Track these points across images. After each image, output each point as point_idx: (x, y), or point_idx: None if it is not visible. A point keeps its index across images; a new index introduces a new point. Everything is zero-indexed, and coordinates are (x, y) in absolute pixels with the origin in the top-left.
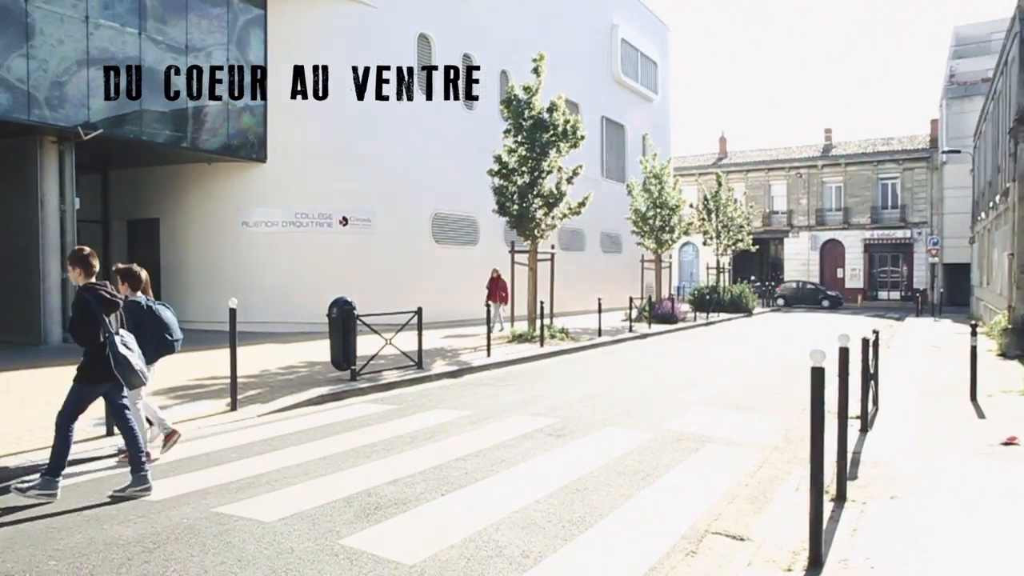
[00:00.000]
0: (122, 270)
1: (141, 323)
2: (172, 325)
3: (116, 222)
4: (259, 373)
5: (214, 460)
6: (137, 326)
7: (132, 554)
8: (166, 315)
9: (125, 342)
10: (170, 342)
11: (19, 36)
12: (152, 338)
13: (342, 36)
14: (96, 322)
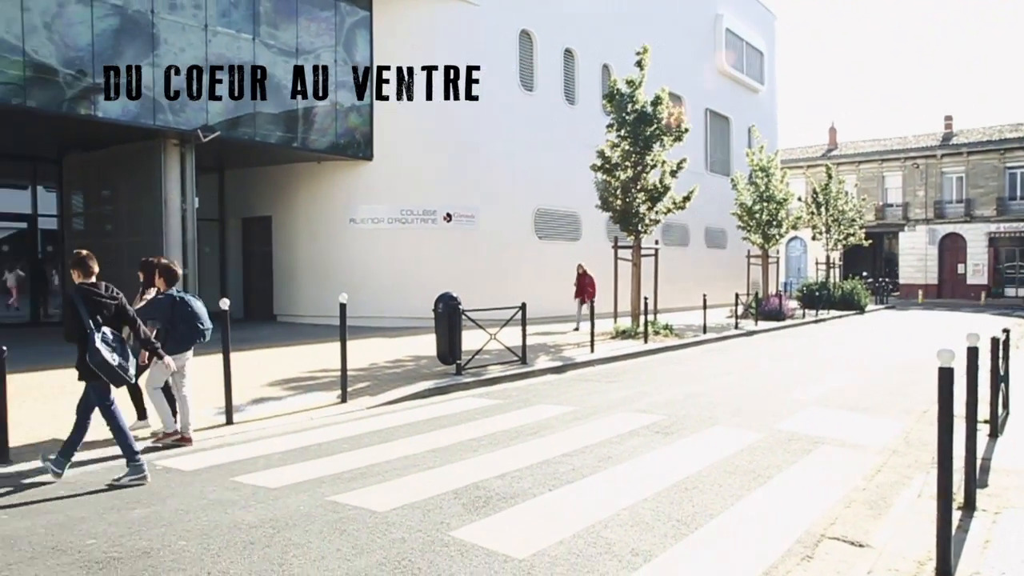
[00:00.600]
0: (161, 266)
1: (174, 314)
2: (202, 315)
3: (231, 220)
4: (367, 366)
5: (326, 450)
6: (171, 317)
7: (254, 538)
8: (197, 306)
9: (105, 339)
10: (200, 331)
11: (146, 46)
12: (184, 327)
13: (445, 34)
14: (80, 320)
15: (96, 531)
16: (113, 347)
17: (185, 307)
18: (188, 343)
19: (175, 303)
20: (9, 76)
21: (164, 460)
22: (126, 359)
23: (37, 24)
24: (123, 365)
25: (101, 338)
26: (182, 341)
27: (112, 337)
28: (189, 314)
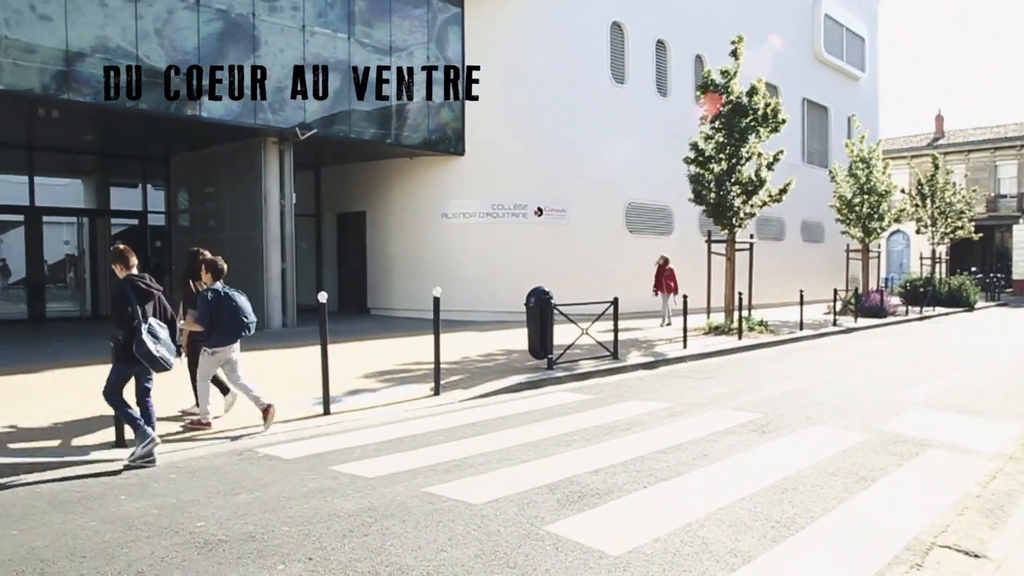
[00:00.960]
0: (207, 261)
1: (219, 308)
2: (246, 309)
3: (327, 215)
4: (460, 360)
5: (421, 442)
6: (216, 311)
7: (353, 526)
8: (240, 300)
9: (152, 330)
10: (245, 324)
11: (248, 48)
12: (229, 321)
13: (535, 28)
14: (131, 309)
15: (205, 514)
16: (158, 337)
17: (229, 301)
18: (233, 336)
19: (220, 298)
20: (124, 81)
21: (266, 448)
22: (169, 349)
23: (149, 30)
24: (164, 355)
25: (147, 329)
26: (227, 334)
27: (158, 327)
28: (233, 308)
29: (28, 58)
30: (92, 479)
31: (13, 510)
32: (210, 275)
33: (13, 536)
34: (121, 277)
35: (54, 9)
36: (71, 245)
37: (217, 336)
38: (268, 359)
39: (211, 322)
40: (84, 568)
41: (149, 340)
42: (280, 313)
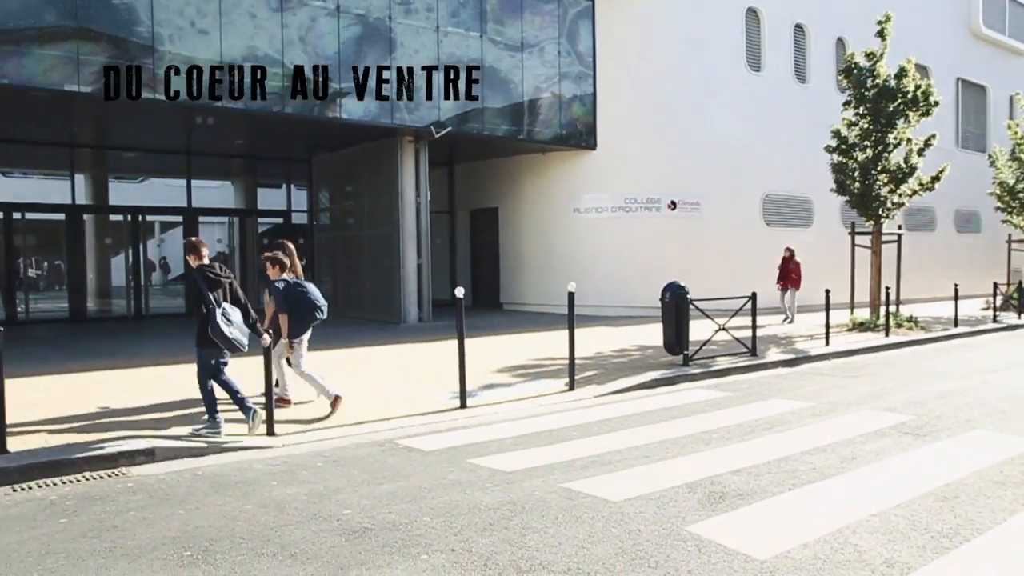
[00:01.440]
0: (270, 257)
1: (291, 298)
2: (316, 296)
3: (460, 212)
4: (593, 355)
5: (556, 437)
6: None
7: (493, 519)
8: (310, 288)
9: (225, 314)
10: (317, 307)
11: (385, 50)
12: (302, 310)
13: (669, 17)
14: (202, 296)
15: (350, 502)
16: (231, 321)
17: (299, 289)
18: (307, 323)
19: (290, 288)
20: (271, 87)
21: (405, 440)
22: (242, 331)
23: (294, 38)
24: (237, 336)
25: (221, 313)
26: (301, 323)
27: (230, 311)
28: (303, 296)
29: (187, 70)
30: (246, 465)
31: (178, 490)
32: (276, 269)
33: (180, 515)
34: (194, 267)
35: (210, 23)
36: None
37: (295, 326)
38: (404, 353)
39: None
40: (243, 549)
41: (223, 323)
42: (416, 308)
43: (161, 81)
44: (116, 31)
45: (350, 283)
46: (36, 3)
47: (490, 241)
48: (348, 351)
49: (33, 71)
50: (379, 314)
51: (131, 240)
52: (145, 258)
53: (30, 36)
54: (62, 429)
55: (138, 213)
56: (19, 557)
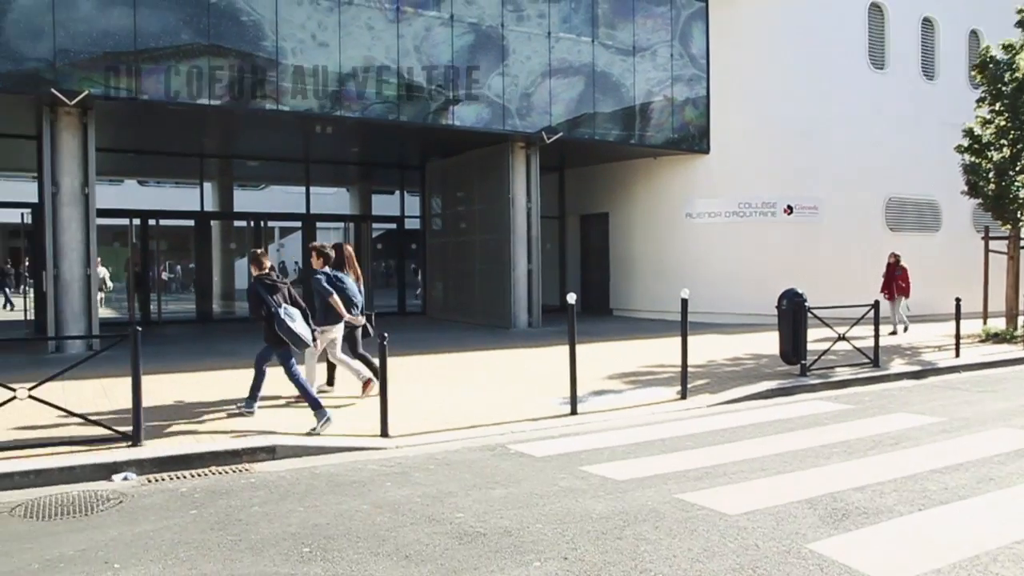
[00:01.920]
0: (315, 248)
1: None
2: (353, 294)
3: (570, 217)
4: (705, 363)
5: (669, 446)
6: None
7: (606, 528)
8: (349, 286)
9: (288, 313)
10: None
11: (497, 58)
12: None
13: (785, 18)
14: (261, 302)
15: (463, 505)
16: (294, 319)
17: (338, 283)
18: (340, 316)
19: (329, 279)
20: (386, 96)
21: (516, 445)
22: (306, 328)
23: (409, 48)
24: (304, 332)
25: (284, 312)
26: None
27: (293, 311)
28: (340, 290)
29: (308, 81)
30: (361, 465)
31: (297, 487)
32: (320, 260)
33: (299, 512)
34: (255, 276)
35: (330, 36)
36: None
37: (331, 315)
38: (513, 358)
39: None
40: (360, 548)
41: (288, 320)
42: (526, 313)
43: (284, 92)
44: (244, 47)
45: (461, 287)
46: (175, 24)
47: (600, 246)
48: (458, 355)
49: (170, 87)
50: (489, 319)
51: (253, 245)
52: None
53: (168, 54)
54: (191, 425)
55: (260, 219)
56: (155, 544)
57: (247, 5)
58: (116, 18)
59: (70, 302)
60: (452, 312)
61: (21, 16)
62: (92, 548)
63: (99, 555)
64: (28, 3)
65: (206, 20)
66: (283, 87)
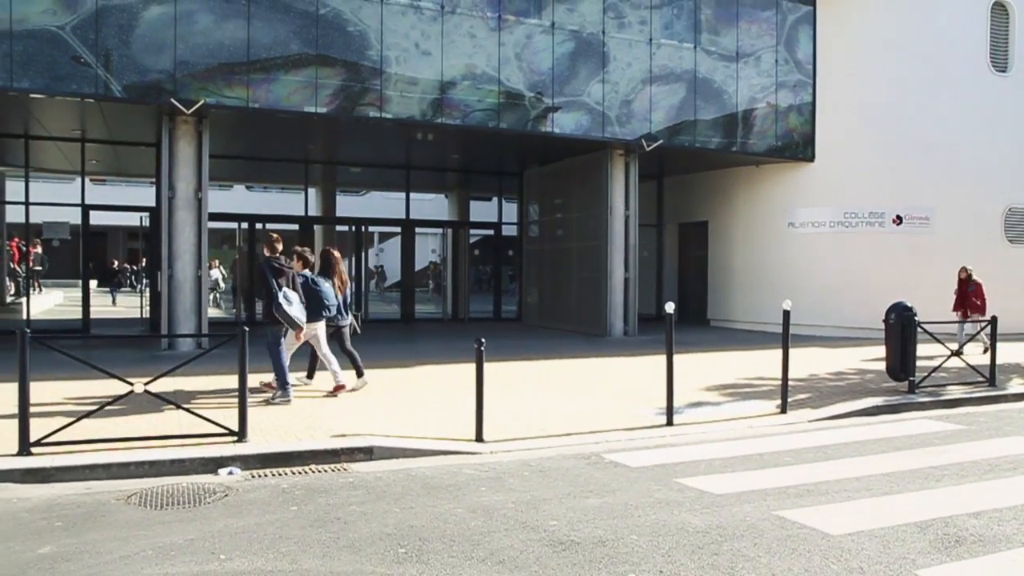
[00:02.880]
0: (296, 251)
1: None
2: (327, 295)
3: (668, 225)
4: (806, 377)
5: (768, 461)
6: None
7: (702, 543)
8: (324, 288)
9: (287, 296)
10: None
11: (597, 65)
12: (313, 303)
13: (900, 17)
14: (268, 283)
15: (557, 513)
16: (291, 302)
17: (314, 287)
18: (316, 316)
19: (306, 282)
20: (487, 103)
21: (611, 455)
22: (301, 312)
23: (510, 56)
24: (298, 316)
25: (283, 295)
26: (312, 313)
27: (291, 295)
28: (316, 292)
29: (411, 89)
30: (456, 469)
31: (394, 489)
32: (300, 263)
33: (395, 513)
34: (266, 256)
35: (433, 44)
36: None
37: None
38: (609, 366)
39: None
40: (454, 551)
41: (284, 303)
42: (622, 321)
43: (387, 100)
44: (350, 56)
45: (557, 295)
46: (285, 35)
47: (698, 255)
48: (553, 362)
49: (279, 95)
50: (584, 326)
51: (354, 249)
52: (366, 266)
53: (277, 64)
54: (291, 423)
55: (361, 224)
56: (258, 538)
57: (354, 16)
58: (231, 31)
59: (182, 301)
60: (547, 319)
61: (146, 31)
62: (200, 538)
63: (207, 545)
64: (153, 18)
65: (315, 31)
66: (387, 95)
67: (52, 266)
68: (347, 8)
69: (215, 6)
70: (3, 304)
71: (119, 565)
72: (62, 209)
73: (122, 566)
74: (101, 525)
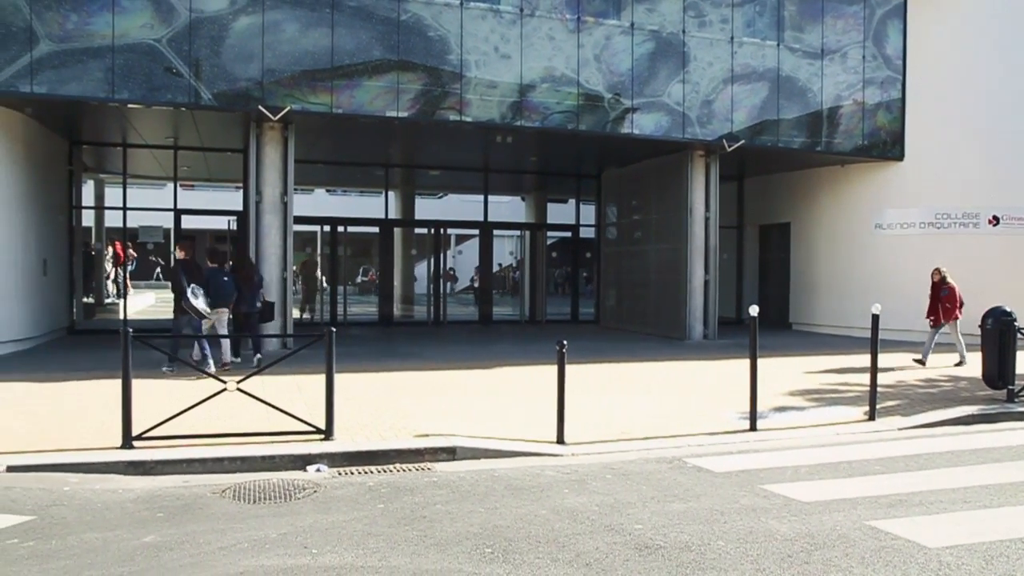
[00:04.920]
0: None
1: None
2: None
3: (748, 227)
4: (895, 383)
5: (857, 470)
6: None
7: (791, 551)
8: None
9: (194, 291)
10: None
11: (677, 65)
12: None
13: (994, 12)
14: (178, 279)
15: (641, 517)
16: (198, 297)
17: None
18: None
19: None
20: (566, 105)
21: (693, 459)
22: (207, 305)
23: (589, 57)
24: (204, 308)
25: (191, 291)
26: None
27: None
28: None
29: (490, 92)
30: (538, 470)
31: (477, 489)
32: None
33: (480, 513)
34: (180, 258)
35: (512, 48)
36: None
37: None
38: (688, 369)
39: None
40: (540, 552)
41: (192, 298)
42: (701, 324)
43: (467, 104)
44: (430, 61)
45: (635, 297)
46: (367, 42)
47: (780, 258)
48: (632, 365)
49: (361, 101)
50: (663, 329)
51: (432, 251)
52: (444, 268)
53: (360, 70)
54: (374, 422)
55: (439, 227)
56: (347, 534)
57: (434, 21)
58: (316, 39)
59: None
60: (625, 321)
61: (236, 41)
62: (292, 533)
63: (298, 540)
64: (241, 29)
65: (396, 37)
66: (466, 99)
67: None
68: (428, 14)
69: (301, 15)
70: (102, 304)
71: (218, 556)
72: (156, 213)
73: (220, 557)
74: (199, 517)
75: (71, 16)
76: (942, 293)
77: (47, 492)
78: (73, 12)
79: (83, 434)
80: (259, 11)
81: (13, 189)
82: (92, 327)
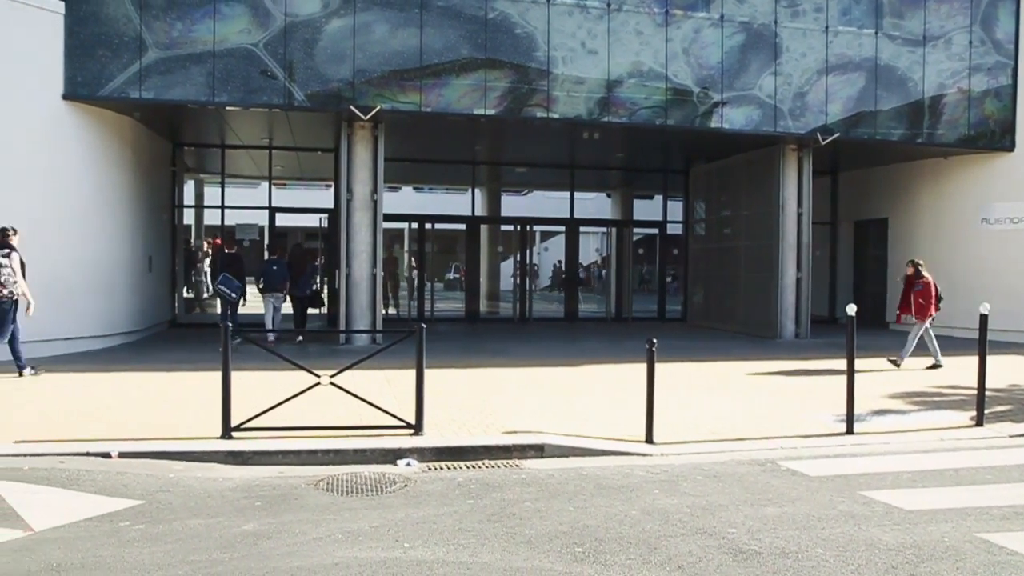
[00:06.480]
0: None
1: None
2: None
3: (843, 223)
4: (1006, 387)
5: (964, 478)
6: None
7: (896, 562)
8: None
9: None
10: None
11: (769, 57)
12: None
13: None
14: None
15: (735, 520)
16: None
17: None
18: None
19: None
20: (653, 100)
21: (787, 462)
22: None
23: (677, 51)
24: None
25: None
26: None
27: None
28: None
29: (577, 89)
30: (628, 470)
31: (566, 487)
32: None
33: (569, 511)
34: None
35: (599, 43)
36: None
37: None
38: (780, 369)
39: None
40: (631, 553)
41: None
42: (793, 323)
43: (554, 100)
44: (517, 58)
45: (724, 295)
46: (455, 41)
47: (876, 255)
48: (721, 363)
49: (449, 99)
50: (753, 328)
51: (518, 248)
52: (530, 265)
53: (448, 69)
54: (464, 418)
55: (526, 223)
56: (438, 529)
57: (521, 18)
58: (405, 38)
59: (359, 299)
60: (713, 320)
61: (328, 43)
62: (384, 526)
63: (390, 533)
64: (333, 31)
65: (483, 35)
66: (553, 95)
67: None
68: (514, 11)
69: (390, 16)
70: (201, 299)
71: (313, 546)
72: (252, 212)
73: (316, 547)
74: (295, 507)
75: (176, 24)
76: (915, 288)
77: (154, 478)
78: (179, 20)
79: (188, 423)
80: (350, 13)
81: (123, 191)
82: (192, 320)
